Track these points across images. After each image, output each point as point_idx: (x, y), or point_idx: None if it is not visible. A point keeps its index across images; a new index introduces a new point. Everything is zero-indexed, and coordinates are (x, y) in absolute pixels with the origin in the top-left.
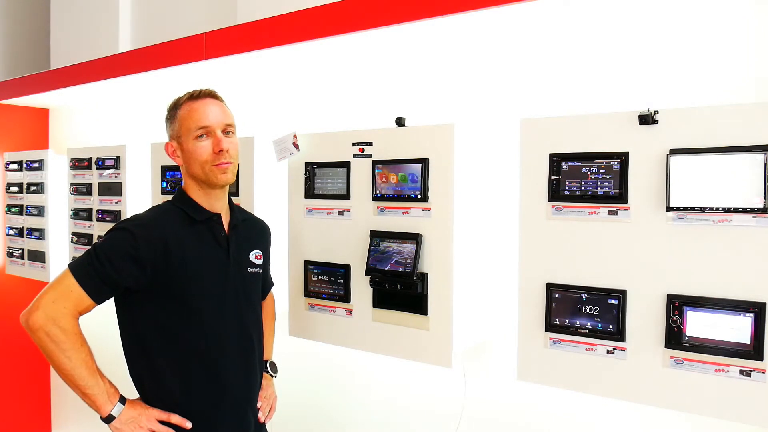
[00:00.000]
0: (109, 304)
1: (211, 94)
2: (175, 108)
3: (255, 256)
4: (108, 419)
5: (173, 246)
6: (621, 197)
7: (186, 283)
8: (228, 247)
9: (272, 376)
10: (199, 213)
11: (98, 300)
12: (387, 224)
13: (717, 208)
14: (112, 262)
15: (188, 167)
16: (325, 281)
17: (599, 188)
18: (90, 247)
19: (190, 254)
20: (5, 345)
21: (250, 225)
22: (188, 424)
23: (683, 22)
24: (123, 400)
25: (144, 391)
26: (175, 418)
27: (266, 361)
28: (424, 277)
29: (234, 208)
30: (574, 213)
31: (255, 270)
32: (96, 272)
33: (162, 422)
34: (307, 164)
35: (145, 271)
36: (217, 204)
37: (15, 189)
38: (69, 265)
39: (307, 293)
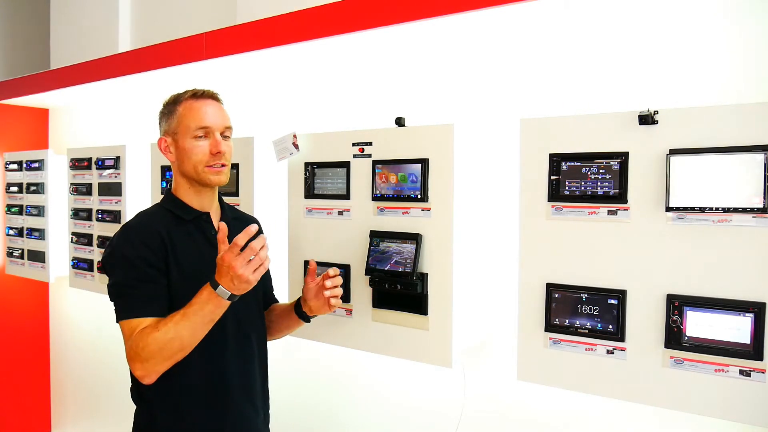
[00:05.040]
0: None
1: (213, 96)
2: (174, 104)
3: None
4: (231, 298)
5: (168, 246)
6: (621, 197)
7: (180, 283)
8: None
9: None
10: (187, 212)
11: (159, 313)
12: (387, 224)
13: (717, 208)
14: (138, 278)
15: (180, 165)
16: None
17: (599, 188)
18: (110, 290)
19: (181, 254)
20: (5, 345)
21: (241, 223)
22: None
23: (683, 23)
24: (215, 284)
25: (139, 391)
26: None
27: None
28: (423, 277)
29: (224, 207)
30: (574, 213)
31: None
32: (136, 299)
33: None
34: (307, 164)
35: (161, 264)
36: (206, 203)
37: (15, 189)
38: (116, 320)
39: None
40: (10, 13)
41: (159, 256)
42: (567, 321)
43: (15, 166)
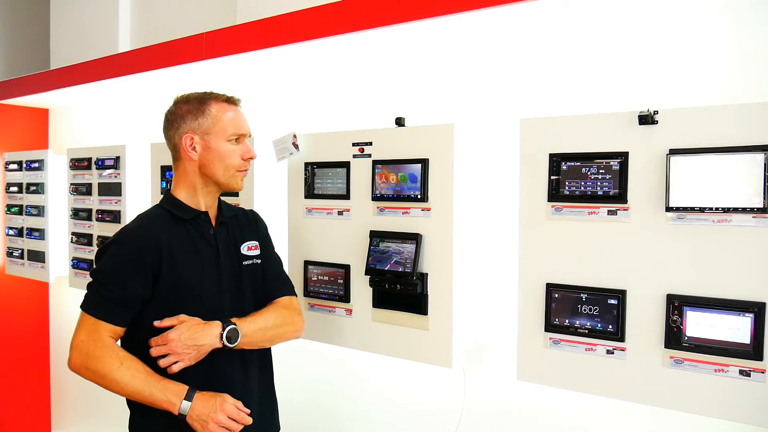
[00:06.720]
0: None
1: (238, 103)
2: (205, 102)
3: (248, 247)
4: (180, 416)
5: (164, 249)
6: (621, 197)
7: (180, 285)
8: (217, 245)
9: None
10: (185, 212)
11: (120, 323)
12: (387, 224)
13: (717, 208)
14: (116, 281)
15: (207, 165)
16: (325, 281)
17: (599, 188)
18: (90, 274)
19: (180, 255)
20: (5, 345)
21: (239, 219)
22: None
23: (682, 23)
24: (190, 395)
25: None
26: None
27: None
28: (423, 277)
29: (222, 206)
30: (574, 213)
31: (251, 262)
32: (104, 298)
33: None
34: (306, 164)
35: (147, 278)
36: (208, 203)
37: (15, 189)
38: (80, 306)
39: (307, 293)
40: (10, 13)
41: (147, 267)
42: (567, 321)
43: (15, 166)
